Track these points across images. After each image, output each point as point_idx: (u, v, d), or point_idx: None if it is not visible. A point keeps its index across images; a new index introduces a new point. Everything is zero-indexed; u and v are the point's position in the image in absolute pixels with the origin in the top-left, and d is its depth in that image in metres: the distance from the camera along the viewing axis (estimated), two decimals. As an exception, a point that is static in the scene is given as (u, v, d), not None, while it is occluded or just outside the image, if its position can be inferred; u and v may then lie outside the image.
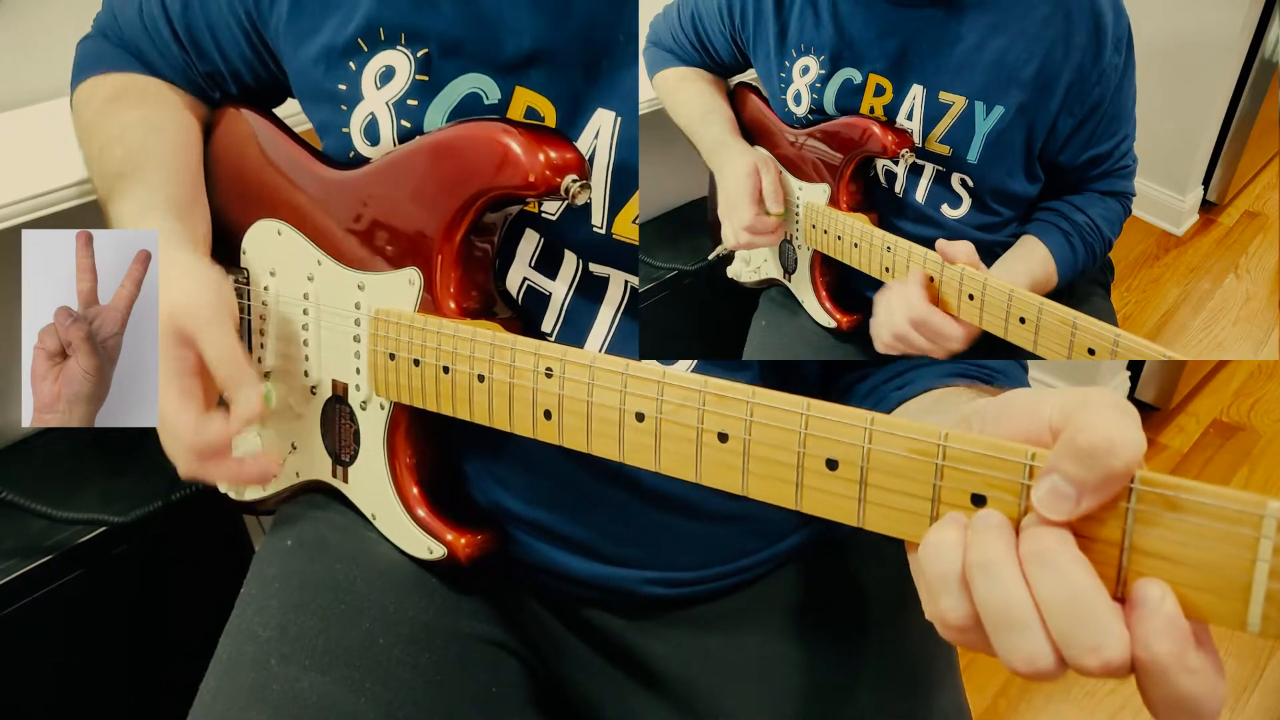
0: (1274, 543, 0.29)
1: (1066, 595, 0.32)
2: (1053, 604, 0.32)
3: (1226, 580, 0.31)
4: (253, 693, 0.57)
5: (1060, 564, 0.32)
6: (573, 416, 0.48)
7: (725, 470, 0.43)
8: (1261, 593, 0.30)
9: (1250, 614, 0.30)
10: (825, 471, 0.39)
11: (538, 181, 0.52)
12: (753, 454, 0.41)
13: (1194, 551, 0.31)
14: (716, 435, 0.42)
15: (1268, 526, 0.30)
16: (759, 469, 0.41)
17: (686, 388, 0.43)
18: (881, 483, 0.38)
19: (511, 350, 0.51)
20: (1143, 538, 0.32)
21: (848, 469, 0.39)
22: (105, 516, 0.87)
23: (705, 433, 0.43)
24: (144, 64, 0.71)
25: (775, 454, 0.41)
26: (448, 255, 0.56)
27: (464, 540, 0.60)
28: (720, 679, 0.64)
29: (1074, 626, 0.32)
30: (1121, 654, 0.31)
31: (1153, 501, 0.32)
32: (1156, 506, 0.32)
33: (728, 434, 0.42)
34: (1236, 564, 0.30)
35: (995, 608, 0.33)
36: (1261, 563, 0.30)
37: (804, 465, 0.40)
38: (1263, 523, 0.30)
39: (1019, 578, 0.33)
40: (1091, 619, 0.31)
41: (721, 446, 0.42)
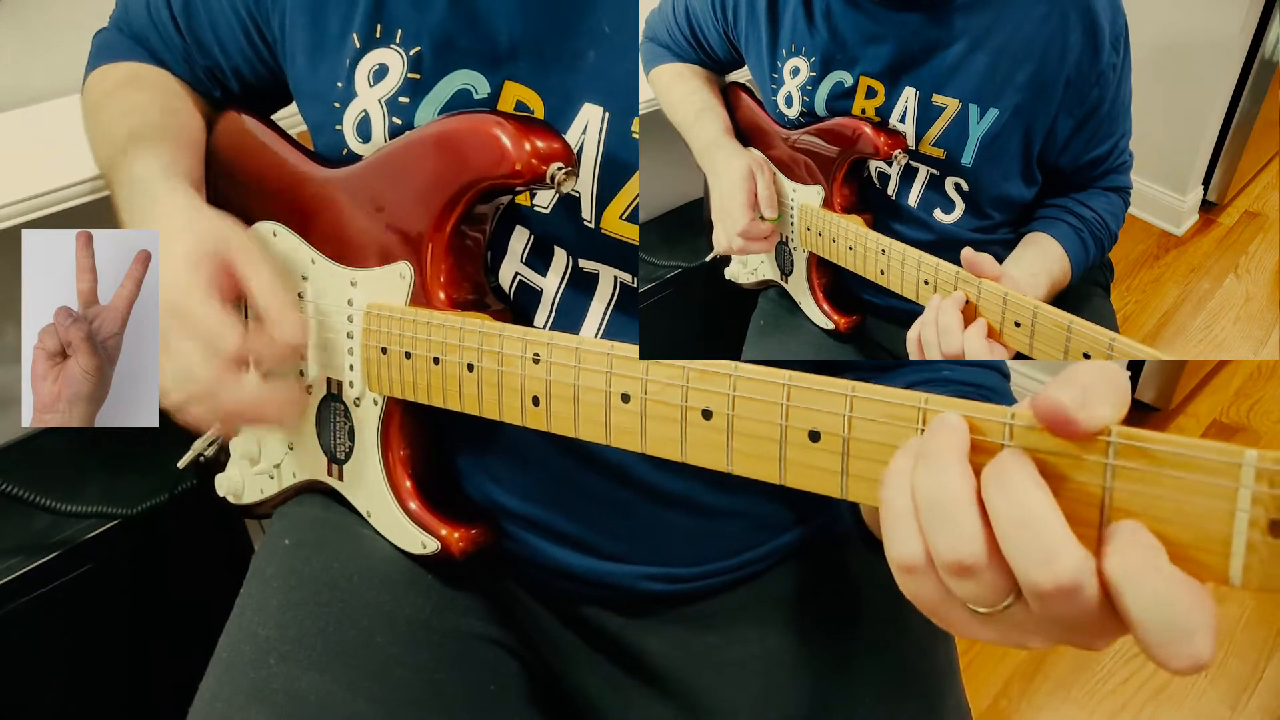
0: (1253, 492, 0.29)
1: (1015, 511, 0.32)
2: (1003, 520, 0.32)
3: (1207, 533, 0.30)
4: (252, 692, 0.57)
5: (1014, 482, 0.32)
6: (560, 401, 0.49)
7: (710, 448, 0.43)
8: (1242, 543, 0.30)
9: (1231, 566, 0.30)
10: (808, 444, 0.40)
11: (524, 170, 0.52)
12: (736, 429, 0.42)
13: (1173, 505, 0.31)
14: (701, 412, 0.43)
15: (1246, 475, 0.29)
16: (743, 445, 0.42)
17: (670, 366, 0.44)
18: (863, 453, 0.38)
19: (500, 338, 0.51)
20: (1122, 494, 0.32)
21: (830, 440, 0.39)
22: (112, 509, 0.88)
23: (690, 410, 0.43)
24: (153, 56, 0.72)
25: (759, 428, 0.41)
26: (438, 248, 0.56)
27: (458, 535, 0.60)
28: (718, 676, 0.64)
29: (1024, 540, 0.31)
30: (1075, 566, 0.31)
31: (1131, 455, 0.31)
32: (1135, 460, 0.31)
33: (711, 410, 0.42)
34: (1216, 515, 0.30)
35: (940, 521, 0.33)
36: (1241, 513, 0.29)
37: (787, 439, 0.40)
38: (1241, 472, 0.29)
39: (967, 481, 0.33)
40: (1039, 529, 0.31)
41: (706, 424, 0.43)
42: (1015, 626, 0.34)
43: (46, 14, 0.96)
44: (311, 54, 0.61)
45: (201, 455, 0.73)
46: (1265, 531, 0.29)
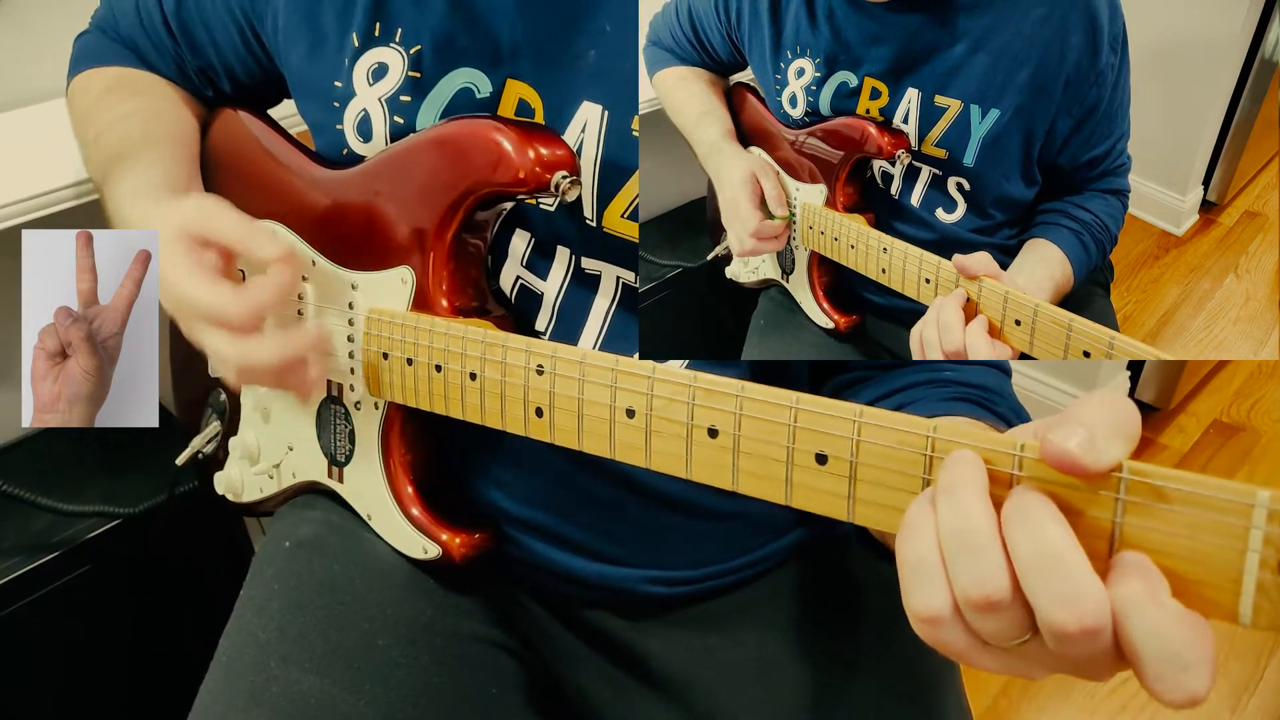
0: (1264, 533, 0.29)
1: (1039, 548, 0.31)
2: (1025, 558, 0.32)
3: (1217, 571, 0.30)
4: (252, 694, 0.57)
5: (1036, 518, 0.32)
6: (564, 414, 0.48)
7: (715, 467, 0.43)
8: (1252, 583, 0.30)
9: (1241, 605, 0.30)
10: (815, 466, 0.39)
11: (528, 178, 0.52)
12: (743, 449, 0.42)
13: (1184, 542, 0.31)
14: (706, 430, 0.42)
15: (1258, 516, 0.29)
16: (749, 465, 0.42)
17: (676, 382, 0.43)
18: (871, 477, 0.38)
19: (503, 348, 0.51)
20: (1132, 529, 0.32)
21: (837, 463, 0.39)
22: (113, 509, 0.88)
23: (695, 428, 0.43)
24: (141, 60, 0.72)
25: (765, 449, 0.41)
26: (440, 253, 0.56)
27: (459, 540, 0.60)
28: (719, 678, 0.64)
29: (1046, 578, 0.31)
30: (1097, 609, 0.30)
31: (1142, 492, 0.31)
32: (1145, 497, 0.31)
33: (718, 429, 0.42)
34: (1227, 554, 0.30)
35: (967, 568, 0.32)
36: (1252, 553, 0.29)
37: (793, 460, 0.40)
38: (1253, 512, 0.29)
39: (991, 515, 0.33)
40: (1064, 569, 0.31)
41: (711, 442, 0.42)
42: (1024, 659, 0.34)
43: (46, 14, 0.96)
44: (308, 52, 0.61)
45: (200, 452, 0.73)
46: (1276, 571, 0.29)
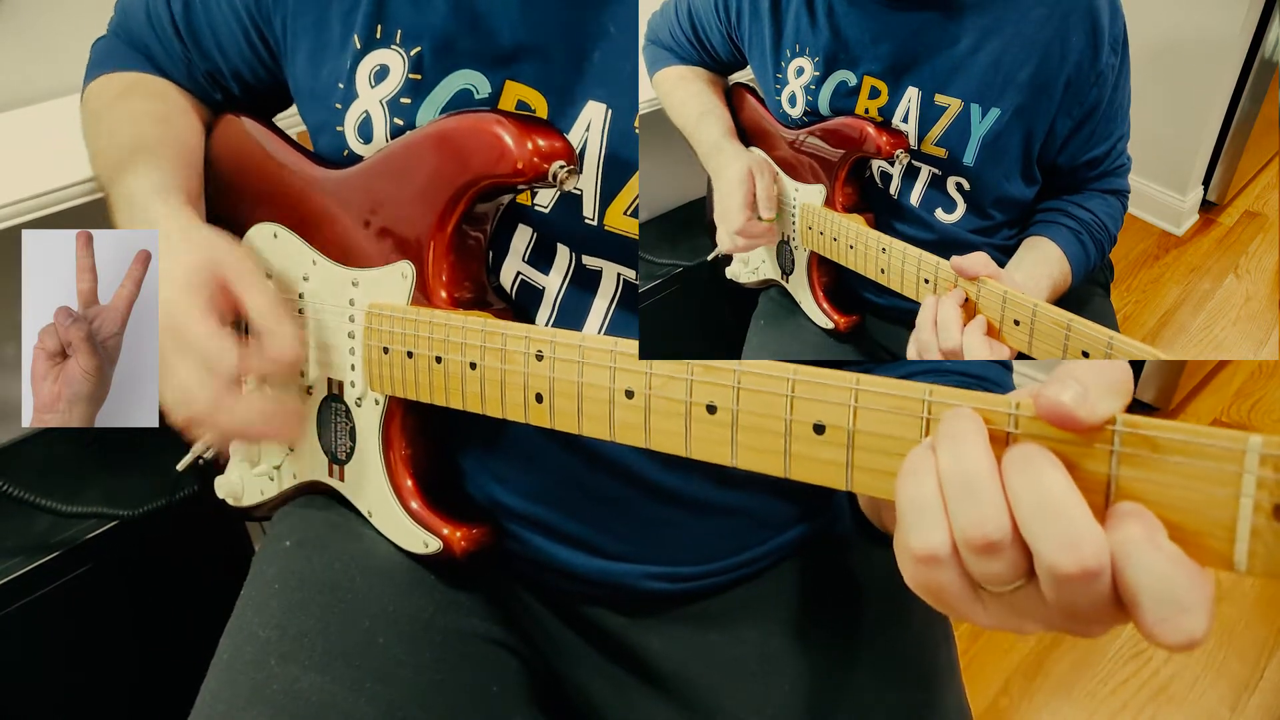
0: (1256, 477, 0.29)
1: (1039, 493, 0.32)
2: (1026, 503, 0.32)
3: (1211, 518, 0.31)
4: (253, 693, 0.57)
5: (1036, 464, 0.32)
6: (563, 398, 0.49)
7: (714, 443, 0.43)
8: (1246, 529, 0.30)
9: (1236, 551, 0.30)
10: (813, 436, 0.40)
11: (525, 169, 0.52)
12: (741, 424, 0.42)
13: (1179, 492, 0.31)
14: (705, 407, 0.43)
15: (1250, 461, 0.29)
16: (747, 439, 0.42)
17: (674, 361, 0.44)
18: (868, 444, 0.38)
19: (502, 335, 0.51)
20: (1128, 481, 0.32)
21: (835, 432, 0.39)
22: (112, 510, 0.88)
23: (694, 405, 0.43)
24: (153, 64, 0.72)
25: (763, 422, 0.41)
26: (439, 247, 0.56)
27: (460, 534, 0.60)
28: (720, 675, 0.65)
29: (1046, 522, 0.31)
30: (1098, 551, 0.31)
31: (1136, 444, 0.32)
32: (1140, 448, 0.32)
33: (716, 405, 0.42)
34: (1220, 500, 0.30)
35: (969, 515, 0.33)
36: (1245, 498, 0.30)
37: (792, 432, 0.40)
38: (1245, 458, 0.30)
39: (991, 459, 0.33)
40: (1064, 513, 0.31)
41: (710, 418, 0.43)
42: (1017, 609, 0.34)
43: (46, 15, 0.96)
44: (313, 55, 0.61)
45: (200, 458, 0.73)
46: (1269, 516, 0.29)
